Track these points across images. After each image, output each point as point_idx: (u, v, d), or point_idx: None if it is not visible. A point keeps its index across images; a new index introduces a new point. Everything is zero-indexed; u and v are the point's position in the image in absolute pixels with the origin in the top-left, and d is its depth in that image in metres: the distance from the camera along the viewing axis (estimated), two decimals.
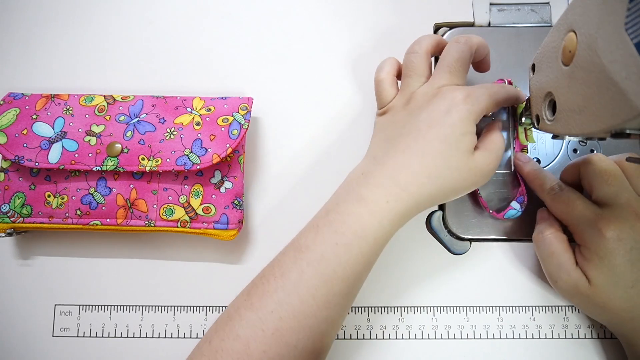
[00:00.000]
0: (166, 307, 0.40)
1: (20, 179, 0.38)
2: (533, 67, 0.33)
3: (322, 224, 0.32)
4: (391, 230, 0.32)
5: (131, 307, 0.40)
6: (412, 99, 0.34)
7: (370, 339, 0.39)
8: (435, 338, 0.39)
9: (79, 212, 0.38)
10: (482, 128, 0.36)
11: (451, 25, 0.44)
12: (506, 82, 0.39)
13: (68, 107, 0.39)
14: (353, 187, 0.33)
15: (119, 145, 0.37)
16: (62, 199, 0.38)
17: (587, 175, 0.35)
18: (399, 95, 0.35)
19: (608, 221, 0.32)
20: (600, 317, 0.36)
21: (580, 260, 0.34)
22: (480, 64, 0.38)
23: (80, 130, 0.38)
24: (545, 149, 0.41)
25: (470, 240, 0.40)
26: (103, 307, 0.40)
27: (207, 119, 0.38)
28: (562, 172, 0.38)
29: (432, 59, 0.38)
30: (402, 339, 0.39)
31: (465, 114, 0.32)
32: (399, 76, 0.37)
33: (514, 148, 0.40)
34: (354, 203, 0.32)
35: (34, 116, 0.38)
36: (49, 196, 0.38)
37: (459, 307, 0.40)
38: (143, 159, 0.37)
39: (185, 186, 0.38)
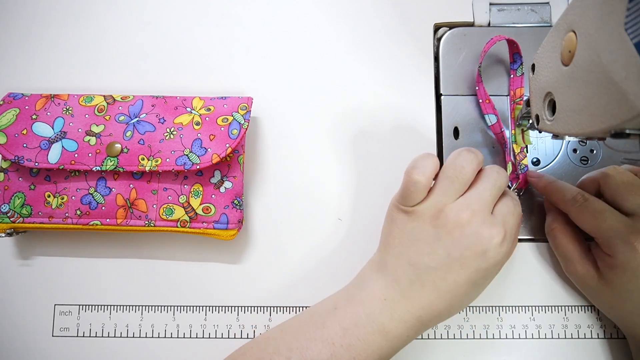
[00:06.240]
0: (166, 307, 0.40)
1: (20, 179, 0.38)
2: (533, 67, 0.33)
3: (339, 344, 0.31)
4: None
5: (131, 307, 0.40)
6: (443, 216, 0.31)
7: None
8: (435, 338, 0.39)
9: (78, 212, 0.38)
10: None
11: (451, 25, 0.44)
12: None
13: (68, 107, 0.39)
14: (375, 312, 0.31)
15: (118, 145, 0.37)
16: (62, 199, 0.38)
17: (609, 188, 0.34)
18: (429, 201, 0.32)
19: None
20: (609, 314, 0.36)
21: (602, 265, 0.34)
22: None
23: (80, 130, 0.38)
24: (545, 149, 0.41)
25: None
26: (103, 307, 0.40)
27: (207, 118, 0.38)
28: (579, 185, 0.37)
29: None
30: None
31: (500, 258, 0.31)
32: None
33: (512, 151, 0.40)
34: (377, 334, 0.31)
35: (34, 116, 0.38)
36: (49, 196, 0.38)
37: None
38: (143, 159, 0.37)
39: (185, 186, 0.38)
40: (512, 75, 0.41)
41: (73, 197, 0.38)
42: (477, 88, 0.41)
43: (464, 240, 0.30)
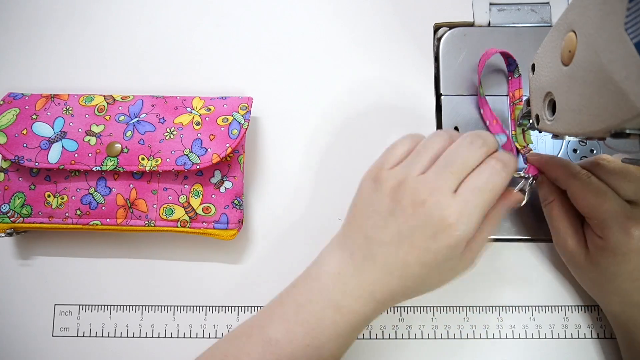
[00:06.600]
0: (166, 307, 0.40)
1: (20, 179, 0.38)
2: (533, 67, 0.33)
3: (294, 321, 0.31)
4: (365, 325, 0.32)
5: (131, 307, 0.40)
6: (402, 190, 0.30)
7: (369, 338, 0.39)
8: (435, 338, 0.39)
9: (78, 212, 0.38)
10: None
11: (451, 25, 0.44)
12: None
13: (68, 107, 0.39)
14: (328, 287, 0.31)
15: (118, 145, 0.37)
16: (62, 199, 0.38)
17: (601, 176, 0.34)
18: (395, 170, 0.31)
19: (637, 220, 0.32)
20: (589, 289, 0.37)
21: (591, 245, 0.34)
22: None
23: (80, 130, 0.38)
24: (545, 149, 0.41)
25: None
26: (103, 307, 0.40)
27: (207, 118, 0.38)
28: None
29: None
30: (402, 338, 0.39)
31: (453, 241, 0.29)
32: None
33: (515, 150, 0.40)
34: (330, 309, 0.31)
35: (34, 116, 0.38)
36: (49, 196, 0.38)
37: (459, 307, 0.40)
38: (143, 159, 0.37)
39: (185, 186, 0.38)
40: (510, 78, 0.41)
41: (73, 197, 0.38)
42: (481, 111, 0.41)
43: (415, 220, 0.29)
